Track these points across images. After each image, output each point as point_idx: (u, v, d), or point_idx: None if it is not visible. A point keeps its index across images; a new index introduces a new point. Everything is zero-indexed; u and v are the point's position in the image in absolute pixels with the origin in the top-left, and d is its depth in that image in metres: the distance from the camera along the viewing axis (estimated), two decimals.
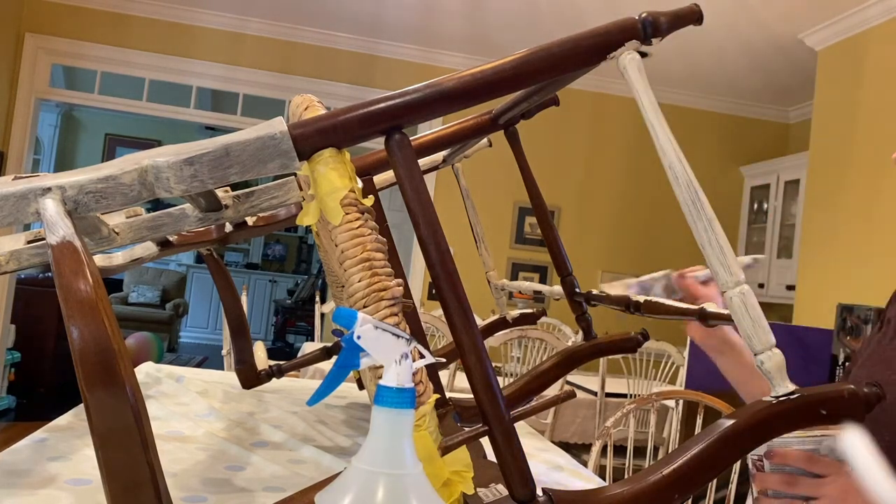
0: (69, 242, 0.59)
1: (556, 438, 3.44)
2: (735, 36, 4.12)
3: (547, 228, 1.24)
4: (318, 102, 0.81)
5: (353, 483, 0.47)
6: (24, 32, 4.67)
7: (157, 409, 1.43)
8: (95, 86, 4.97)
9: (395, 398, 0.48)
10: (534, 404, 0.90)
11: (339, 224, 0.65)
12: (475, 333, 0.64)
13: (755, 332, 0.65)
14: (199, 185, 0.63)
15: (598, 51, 0.70)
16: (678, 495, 0.63)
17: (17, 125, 4.65)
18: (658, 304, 1.10)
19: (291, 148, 0.65)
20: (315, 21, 4.80)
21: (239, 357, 1.64)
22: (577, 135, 5.25)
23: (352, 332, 0.49)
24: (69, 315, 0.57)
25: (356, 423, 1.53)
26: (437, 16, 4.42)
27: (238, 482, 1.08)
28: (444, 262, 0.65)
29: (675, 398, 2.10)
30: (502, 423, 0.62)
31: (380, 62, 5.07)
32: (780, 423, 0.66)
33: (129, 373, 0.58)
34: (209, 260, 1.53)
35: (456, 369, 3.18)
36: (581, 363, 1.26)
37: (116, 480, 0.57)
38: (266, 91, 5.03)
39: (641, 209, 5.24)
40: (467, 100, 0.69)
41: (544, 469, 1.36)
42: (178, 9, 4.80)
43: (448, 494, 0.60)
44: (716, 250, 0.66)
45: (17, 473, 1.01)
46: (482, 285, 1.64)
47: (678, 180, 0.67)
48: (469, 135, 1.14)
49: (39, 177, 0.63)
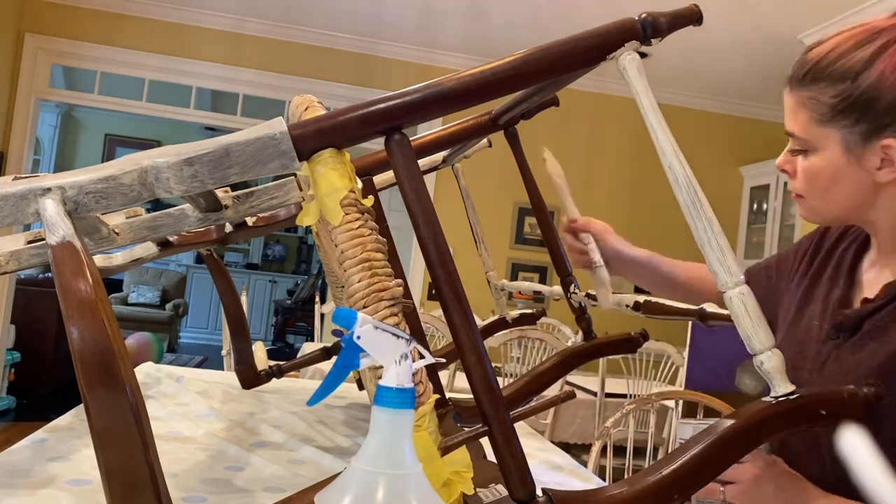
0: (69, 243, 0.59)
1: (555, 438, 3.44)
2: (735, 36, 4.12)
3: (547, 229, 1.24)
4: (317, 103, 0.81)
5: (353, 483, 0.47)
6: (24, 32, 4.67)
7: (157, 409, 1.43)
8: (95, 86, 4.97)
9: (394, 398, 0.48)
10: (534, 404, 0.90)
11: (339, 224, 0.65)
12: (475, 333, 0.64)
13: (755, 332, 0.65)
14: (199, 185, 0.63)
15: (598, 51, 0.70)
16: (678, 495, 0.63)
17: (17, 125, 4.65)
18: (658, 304, 1.11)
19: (291, 148, 0.65)
20: (315, 21, 4.80)
21: (239, 357, 1.64)
22: (576, 135, 5.25)
23: (352, 332, 0.49)
24: (69, 315, 0.57)
25: (356, 423, 1.53)
26: (437, 16, 4.42)
27: (238, 482, 1.08)
28: (444, 262, 0.65)
29: (674, 398, 2.10)
30: (502, 423, 0.62)
31: (379, 62, 5.07)
32: (780, 423, 0.66)
33: (129, 373, 0.58)
34: (209, 260, 1.53)
35: (456, 369, 3.18)
36: (581, 363, 1.26)
37: (116, 481, 0.57)
38: (266, 91, 5.03)
39: (641, 209, 5.24)
40: (467, 100, 0.69)
41: (544, 469, 1.36)
42: (177, 9, 4.80)
43: (448, 494, 0.60)
44: (715, 251, 0.66)
45: (17, 473, 1.01)
46: (482, 285, 1.64)
47: (678, 181, 0.67)
48: (469, 135, 1.14)
49: (39, 177, 0.63)
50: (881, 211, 0.86)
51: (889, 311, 0.85)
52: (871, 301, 0.88)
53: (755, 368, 0.67)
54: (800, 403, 0.65)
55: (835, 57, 0.83)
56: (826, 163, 0.85)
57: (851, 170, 0.84)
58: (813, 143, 0.85)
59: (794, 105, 0.87)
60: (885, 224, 0.88)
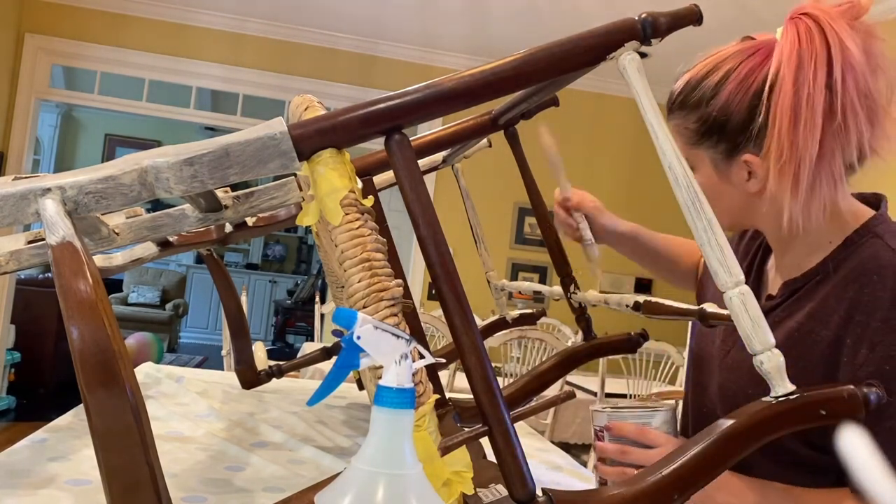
0: (69, 243, 0.59)
1: (556, 438, 3.44)
2: (735, 36, 4.12)
3: (547, 229, 1.24)
4: (317, 103, 0.81)
5: (353, 483, 0.47)
6: (24, 32, 4.68)
7: (157, 410, 1.43)
8: (95, 86, 4.97)
9: (394, 398, 0.48)
10: (534, 404, 0.90)
11: (339, 224, 0.65)
12: (475, 334, 0.64)
13: (755, 332, 0.65)
14: (199, 185, 0.63)
15: (598, 51, 0.70)
16: (678, 495, 0.63)
17: (17, 125, 4.65)
18: (658, 305, 1.11)
19: (291, 148, 0.64)
20: (315, 21, 4.80)
21: (239, 357, 1.64)
22: (577, 135, 5.25)
23: (351, 332, 0.49)
24: (69, 315, 0.57)
25: (356, 423, 1.53)
26: (437, 16, 4.42)
27: (238, 482, 1.08)
28: (444, 262, 0.65)
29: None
30: (502, 423, 0.62)
31: (380, 63, 5.07)
32: (780, 423, 0.66)
33: (129, 373, 0.58)
34: (209, 260, 1.53)
35: (456, 369, 3.18)
36: (581, 363, 1.26)
37: (116, 481, 0.57)
38: (266, 91, 5.03)
39: (641, 209, 5.24)
40: (467, 100, 0.69)
41: (544, 469, 1.36)
42: (177, 9, 4.80)
43: (448, 494, 0.60)
44: (715, 251, 0.66)
45: (17, 473, 1.01)
46: (482, 285, 1.64)
47: (678, 181, 0.67)
48: (469, 135, 1.14)
49: (39, 177, 0.62)
50: (762, 217, 0.94)
51: (785, 307, 0.92)
52: (772, 298, 0.95)
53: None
54: (799, 403, 0.65)
55: (691, 87, 0.92)
56: (705, 179, 0.93)
57: (725, 184, 0.93)
58: (692, 163, 0.93)
59: (671, 131, 0.97)
60: (769, 229, 0.96)
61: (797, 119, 0.81)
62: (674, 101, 0.94)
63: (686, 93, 0.92)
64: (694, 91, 0.91)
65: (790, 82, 0.82)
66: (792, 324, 0.90)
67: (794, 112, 0.81)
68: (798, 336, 0.88)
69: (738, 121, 0.87)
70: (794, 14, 0.85)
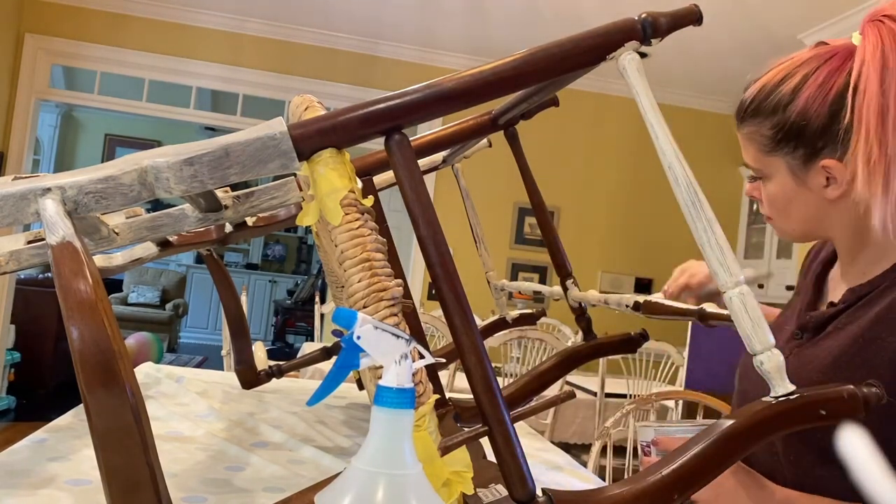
0: (69, 243, 0.59)
1: (555, 438, 3.44)
2: (734, 36, 4.12)
3: (546, 229, 1.24)
4: (317, 103, 0.81)
5: (353, 483, 0.47)
6: (24, 33, 4.68)
7: (157, 410, 1.43)
8: (95, 86, 4.97)
9: (394, 398, 0.48)
10: (534, 404, 0.90)
11: (339, 224, 0.65)
12: (475, 334, 0.64)
13: (755, 332, 0.65)
14: (199, 185, 0.63)
15: (598, 51, 0.70)
16: (678, 495, 0.63)
17: (16, 125, 4.65)
18: (658, 304, 1.11)
19: (291, 148, 0.64)
20: (315, 21, 4.80)
21: (239, 357, 1.64)
22: (576, 135, 5.25)
23: (351, 332, 0.49)
24: (69, 315, 0.57)
25: (356, 423, 1.53)
26: (437, 16, 4.42)
27: (238, 482, 1.08)
28: (444, 262, 0.65)
29: (674, 398, 2.10)
30: (502, 423, 0.62)
31: (379, 62, 5.07)
32: (780, 423, 0.66)
33: (129, 373, 0.58)
34: (209, 260, 1.53)
35: (456, 369, 3.18)
36: (581, 363, 1.26)
37: (116, 481, 0.57)
38: (266, 91, 5.03)
39: (641, 210, 5.25)
40: (467, 100, 0.69)
41: (544, 469, 1.36)
42: (177, 9, 4.80)
43: (448, 494, 0.60)
44: (715, 251, 0.66)
45: (17, 473, 1.01)
46: (482, 285, 1.64)
47: (678, 181, 0.67)
48: (469, 135, 1.14)
49: (39, 177, 0.63)
50: (836, 225, 0.93)
51: (849, 314, 0.91)
52: (835, 305, 0.94)
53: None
54: (800, 403, 0.65)
55: (766, 93, 0.91)
56: (779, 188, 0.93)
57: (801, 191, 0.91)
58: (765, 171, 0.93)
59: (743, 140, 0.96)
60: (842, 236, 0.94)
61: (885, 119, 0.81)
62: (746, 109, 0.93)
63: (760, 99, 0.91)
64: (769, 97, 0.90)
65: (876, 83, 0.81)
66: (856, 329, 0.88)
67: (881, 112, 0.81)
68: (863, 341, 0.86)
69: (817, 125, 0.86)
70: (874, 16, 0.84)
